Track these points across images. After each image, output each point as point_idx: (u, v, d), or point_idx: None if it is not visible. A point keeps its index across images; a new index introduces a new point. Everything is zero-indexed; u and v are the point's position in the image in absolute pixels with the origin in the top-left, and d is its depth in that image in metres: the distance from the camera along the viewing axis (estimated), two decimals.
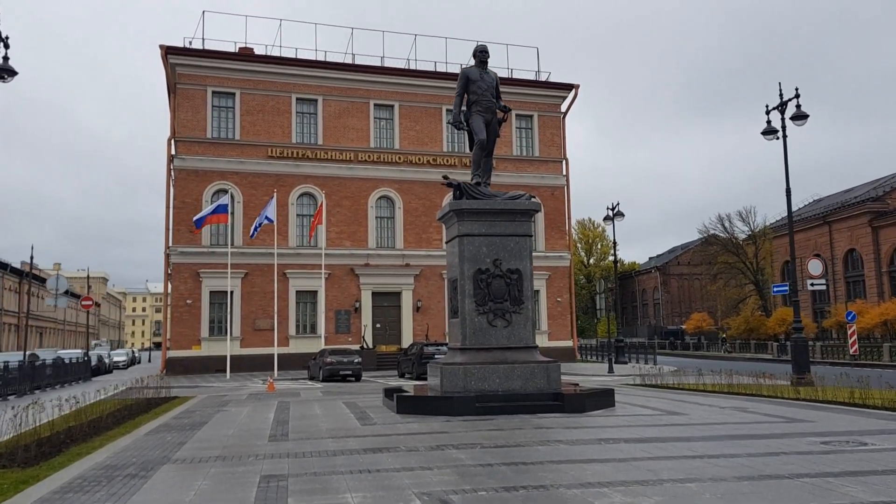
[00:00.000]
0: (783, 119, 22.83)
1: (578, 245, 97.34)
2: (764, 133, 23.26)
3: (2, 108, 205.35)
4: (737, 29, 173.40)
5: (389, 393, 14.61)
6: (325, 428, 11.70)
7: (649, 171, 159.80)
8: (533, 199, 14.95)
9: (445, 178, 16.11)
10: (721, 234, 73.43)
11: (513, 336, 14.04)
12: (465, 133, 15.80)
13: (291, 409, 15.10)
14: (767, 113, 23.35)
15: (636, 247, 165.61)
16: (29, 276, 42.86)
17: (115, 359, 52.02)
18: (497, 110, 15.37)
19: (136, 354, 70.91)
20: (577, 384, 16.00)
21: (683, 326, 77.28)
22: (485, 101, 15.10)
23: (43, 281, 72.21)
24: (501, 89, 15.97)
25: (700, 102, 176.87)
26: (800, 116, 22.33)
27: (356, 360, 28.28)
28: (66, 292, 29.64)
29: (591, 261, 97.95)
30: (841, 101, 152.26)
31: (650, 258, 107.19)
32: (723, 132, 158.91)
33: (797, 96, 22.42)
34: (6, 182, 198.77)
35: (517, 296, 14.17)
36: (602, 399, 13.97)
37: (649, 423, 11.60)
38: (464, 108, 15.38)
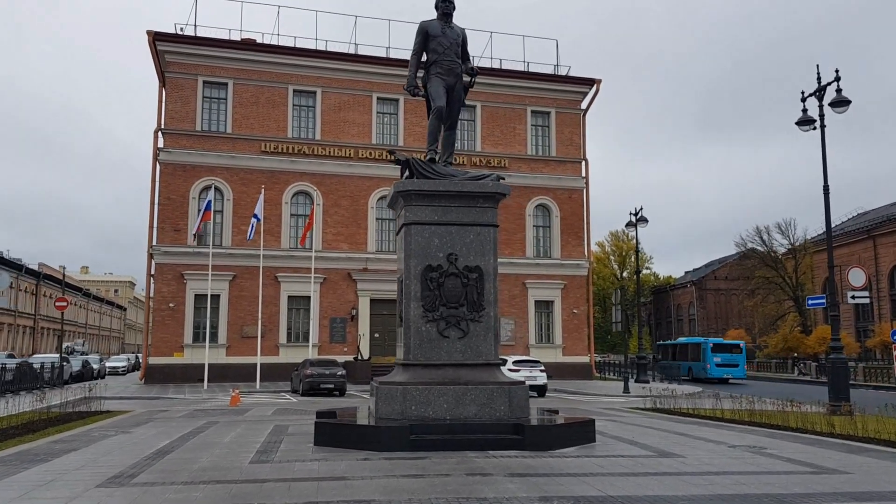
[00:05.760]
0: (821, 106, 19.72)
1: (611, 257, 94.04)
2: (799, 123, 20.18)
3: (32, 117, 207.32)
4: (750, 43, 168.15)
5: (318, 417, 11.82)
6: (199, 466, 8.97)
7: (665, 184, 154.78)
8: (501, 181, 12.04)
9: (392, 153, 13.31)
10: (759, 248, 69.80)
11: (469, 350, 11.16)
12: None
13: (202, 434, 12.41)
14: (803, 100, 20.22)
15: (673, 261, 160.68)
16: None
17: (113, 364, 49.83)
18: (463, 73, 12.54)
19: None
20: (557, 411, 13.05)
21: None
22: (447, 62, 12.24)
23: (63, 285, 70.91)
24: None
25: (718, 116, 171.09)
26: (841, 102, 19.18)
27: (339, 373, 25.64)
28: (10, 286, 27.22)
29: (625, 274, 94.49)
30: (883, 108, 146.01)
31: (686, 272, 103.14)
32: (747, 146, 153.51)
33: (837, 79, 19.29)
34: (35, 189, 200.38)
35: (476, 300, 11.27)
36: (578, 432, 11.04)
37: (626, 471, 8.66)
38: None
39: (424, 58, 12.45)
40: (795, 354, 55.41)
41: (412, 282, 11.25)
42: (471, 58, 12.95)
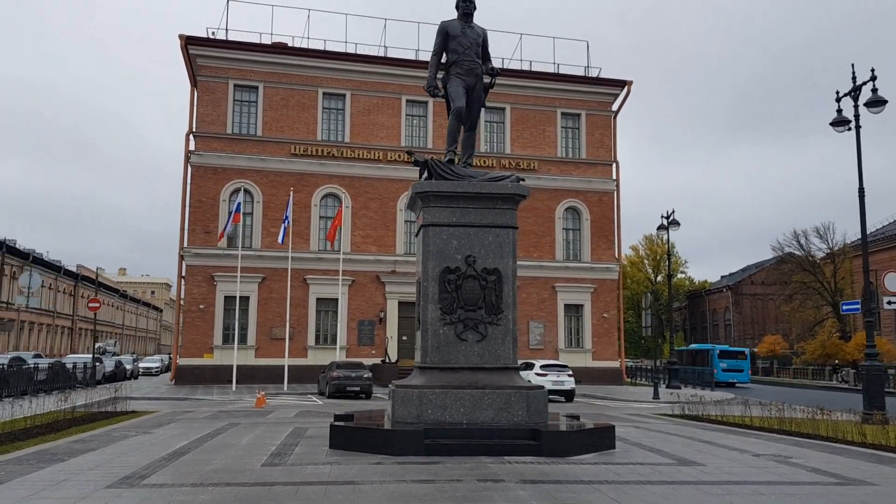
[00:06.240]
0: (856, 107, 19.25)
1: (646, 261, 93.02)
2: (834, 124, 19.71)
3: (71, 122, 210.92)
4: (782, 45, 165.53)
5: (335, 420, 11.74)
6: (211, 468, 8.93)
7: (699, 186, 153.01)
8: (522, 182, 11.88)
9: (411, 153, 13.23)
10: (797, 252, 68.53)
11: (487, 353, 11.01)
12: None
13: (220, 436, 12.41)
14: (838, 100, 19.76)
15: (709, 265, 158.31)
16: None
17: (147, 365, 50.37)
18: (483, 74, 12.40)
19: None
20: (578, 416, 12.81)
21: (755, 349, 72.25)
22: (467, 62, 12.11)
23: (96, 285, 72.13)
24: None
25: (749, 118, 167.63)
26: (876, 102, 18.72)
27: (365, 376, 25.62)
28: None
29: (659, 278, 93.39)
30: None
31: (721, 277, 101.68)
32: (781, 148, 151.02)
33: (874, 79, 18.83)
34: (76, 193, 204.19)
35: (495, 302, 11.11)
36: (597, 438, 10.82)
37: (642, 479, 8.44)
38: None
39: (445, 58, 12.36)
40: (837, 361, 54.31)
41: (430, 284, 11.14)
42: (491, 58, 12.80)
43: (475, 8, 12.39)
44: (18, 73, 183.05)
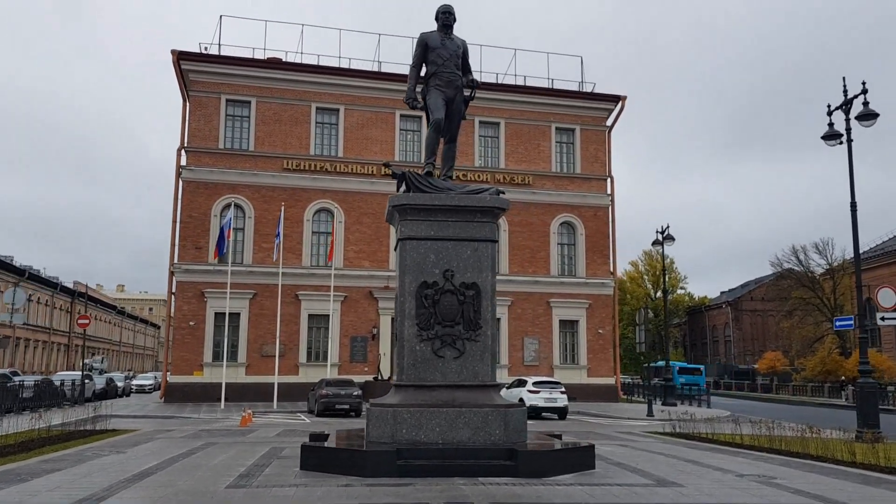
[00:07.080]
0: (847, 120, 19.09)
1: (645, 277, 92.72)
2: (825, 137, 19.52)
3: (74, 136, 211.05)
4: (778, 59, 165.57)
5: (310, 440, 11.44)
6: (173, 490, 8.66)
7: (700, 202, 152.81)
8: (501, 195, 11.65)
9: (387, 165, 13.02)
10: (796, 268, 68.22)
11: (465, 370, 10.73)
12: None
13: (193, 456, 12.12)
14: (829, 114, 19.59)
15: (708, 281, 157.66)
16: None
17: (140, 382, 49.93)
18: (463, 86, 12.21)
19: None
20: (560, 435, 12.51)
21: (755, 366, 71.80)
22: (446, 74, 11.94)
23: (86, 301, 71.78)
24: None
25: (750, 134, 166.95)
26: (867, 115, 18.53)
27: (354, 393, 25.28)
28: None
29: (659, 294, 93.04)
30: None
31: (721, 293, 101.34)
32: (782, 164, 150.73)
33: (864, 92, 18.64)
34: (74, 208, 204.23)
35: (473, 318, 10.84)
36: (577, 458, 10.52)
37: (616, 501, 8.16)
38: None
39: (424, 70, 12.19)
40: (843, 378, 53.70)
41: (407, 299, 10.89)
42: (472, 70, 12.61)
43: (455, 20, 12.24)
44: (19, 84, 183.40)
